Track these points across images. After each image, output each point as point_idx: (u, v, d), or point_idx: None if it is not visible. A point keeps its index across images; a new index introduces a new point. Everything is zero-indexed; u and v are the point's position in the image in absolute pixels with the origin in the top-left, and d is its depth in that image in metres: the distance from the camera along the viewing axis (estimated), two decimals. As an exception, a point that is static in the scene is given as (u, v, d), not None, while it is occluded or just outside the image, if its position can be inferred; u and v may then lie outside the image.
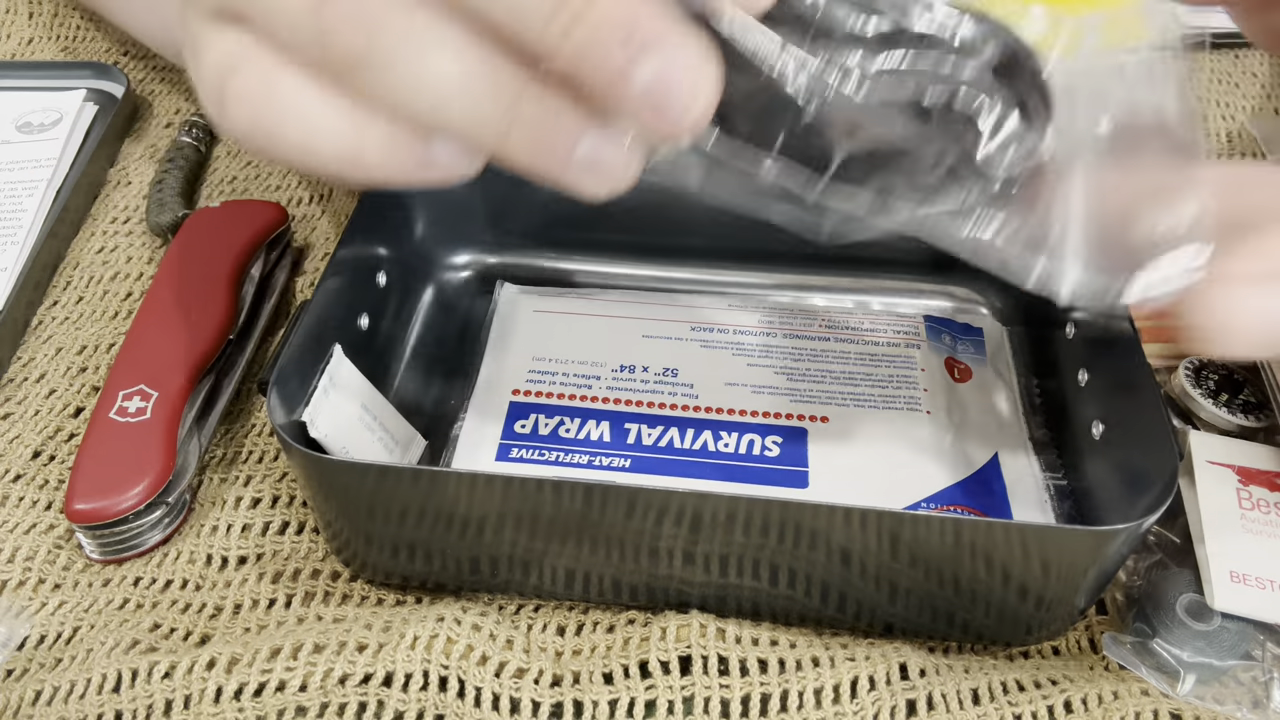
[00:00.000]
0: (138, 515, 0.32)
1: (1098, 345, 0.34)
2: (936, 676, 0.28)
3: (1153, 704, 0.28)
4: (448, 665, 0.28)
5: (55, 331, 0.40)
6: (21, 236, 0.42)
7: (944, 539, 0.27)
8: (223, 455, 0.36)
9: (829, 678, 0.28)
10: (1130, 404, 0.30)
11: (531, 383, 0.36)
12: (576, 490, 0.27)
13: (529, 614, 0.31)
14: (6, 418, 0.37)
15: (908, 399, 0.35)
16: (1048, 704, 0.28)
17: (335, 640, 0.29)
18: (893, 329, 0.38)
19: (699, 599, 0.30)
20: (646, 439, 0.34)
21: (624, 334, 0.38)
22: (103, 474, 0.32)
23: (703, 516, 0.27)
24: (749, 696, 0.28)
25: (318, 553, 0.33)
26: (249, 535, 0.33)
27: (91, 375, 0.38)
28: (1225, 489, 0.30)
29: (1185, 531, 0.30)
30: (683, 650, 0.29)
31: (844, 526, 0.27)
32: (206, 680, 0.28)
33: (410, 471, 0.29)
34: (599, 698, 0.28)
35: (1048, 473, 0.34)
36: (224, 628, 0.31)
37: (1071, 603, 0.29)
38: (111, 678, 0.29)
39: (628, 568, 0.29)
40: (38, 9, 0.55)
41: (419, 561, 0.31)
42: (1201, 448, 0.31)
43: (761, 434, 0.34)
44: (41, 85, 0.49)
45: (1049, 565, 0.27)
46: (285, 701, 0.28)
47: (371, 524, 0.29)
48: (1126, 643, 0.29)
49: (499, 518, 0.28)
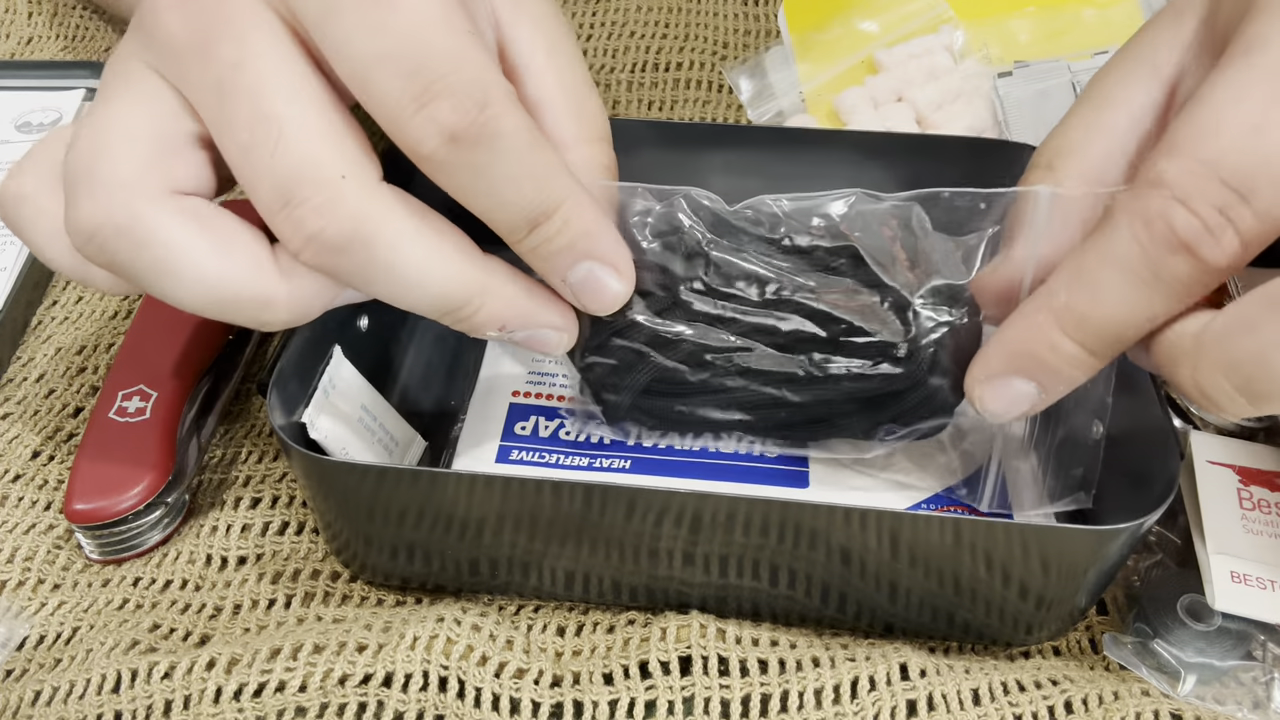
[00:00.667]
0: (137, 515, 0.32)
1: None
2: (937, 676, 0.28)
3: (1153, 704, 0.28)
4: (448, 666, 0.28)
5: (55, 331, 0.40)
6: (21, 236, 0.42)
7: (944, 539, 0.27)
8: (222, 455, 0.36)
9: (829, 678, 0.28)
10: (1130, 404, 0.30)
11: (531, 384, 0.36)
12: (576, 491, 0.27)
13: (529, 615, 0.31)
14: (6, 418, 0.37)
15: (908, 399, 0.35)
16: (1048, 704, 0.28)
17: (335, 641, 0.29)
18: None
19: (699, 599, 0.30)
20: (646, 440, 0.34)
21: (624, 334, 0.38)
22: (102, 474, 0.32)
23: (703, 517, 0.27)
24: (749, 697, 0.28)
25: (317, 553, 0.33)
26: (249, 535, 0.33)
27: (91, 375, 0.38)
28: (1225, 489, 0.30)
29: (1185, 531, 0.30)
30: (683, 651, 0.29)
31: (844, 526, 0.27)
32: (206, 680, 0.28)
33: (410, 473, 0.29)
34: (599, 698, 0.28)
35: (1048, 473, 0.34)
36: (224, 628, 0.31)
37: (1072, 603, 0.29)
38: (111, 678, 0.29)
39: (628, 568, 0.29)
40: (37, 9, 0.55)
41: (419, 562, 0.31)
42: (1202, 448, 0.31)
43: (761, 434, 0.34)
44: (41, 85, 0.49)
45: (1049, 565, 0.27)
46: (285, 702, 0.28)
47: (371, 525, 0.29)
48: (1127, 643, 0.29)
49: (499, 519, 0.28)
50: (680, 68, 0.50)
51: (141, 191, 0.25)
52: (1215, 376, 0.23)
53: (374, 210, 0.25)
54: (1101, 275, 0.24)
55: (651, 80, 0.50)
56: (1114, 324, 0.24)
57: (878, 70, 0.46)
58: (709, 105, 0.48)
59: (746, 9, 0.53)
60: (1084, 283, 0.24)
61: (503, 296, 0.27)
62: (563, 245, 0.26)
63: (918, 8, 0.47)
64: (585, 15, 0.53)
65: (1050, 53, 0.44)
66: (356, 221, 0.24)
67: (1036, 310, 0.25)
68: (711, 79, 0.50)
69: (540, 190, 0.25)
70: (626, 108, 0.49)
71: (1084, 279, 0.24)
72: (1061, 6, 0.46)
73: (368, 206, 0.25)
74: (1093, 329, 0.24)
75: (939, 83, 0.44)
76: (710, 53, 0.51)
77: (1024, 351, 0.26)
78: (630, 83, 0.50)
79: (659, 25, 0.52)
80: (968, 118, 0.43)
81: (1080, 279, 0.24)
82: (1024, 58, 0.44)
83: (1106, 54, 0.43)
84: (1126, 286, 0.24)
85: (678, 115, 0.48)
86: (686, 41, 0.51)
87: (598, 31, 0.52)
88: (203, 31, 0.25)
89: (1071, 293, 0.24)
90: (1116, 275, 0.24)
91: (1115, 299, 0.24)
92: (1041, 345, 0.25)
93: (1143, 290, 0.23)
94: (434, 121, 0.24)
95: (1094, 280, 0.24)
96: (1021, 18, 0.46)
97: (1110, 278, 0.24)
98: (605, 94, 0.49)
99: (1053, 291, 0.25)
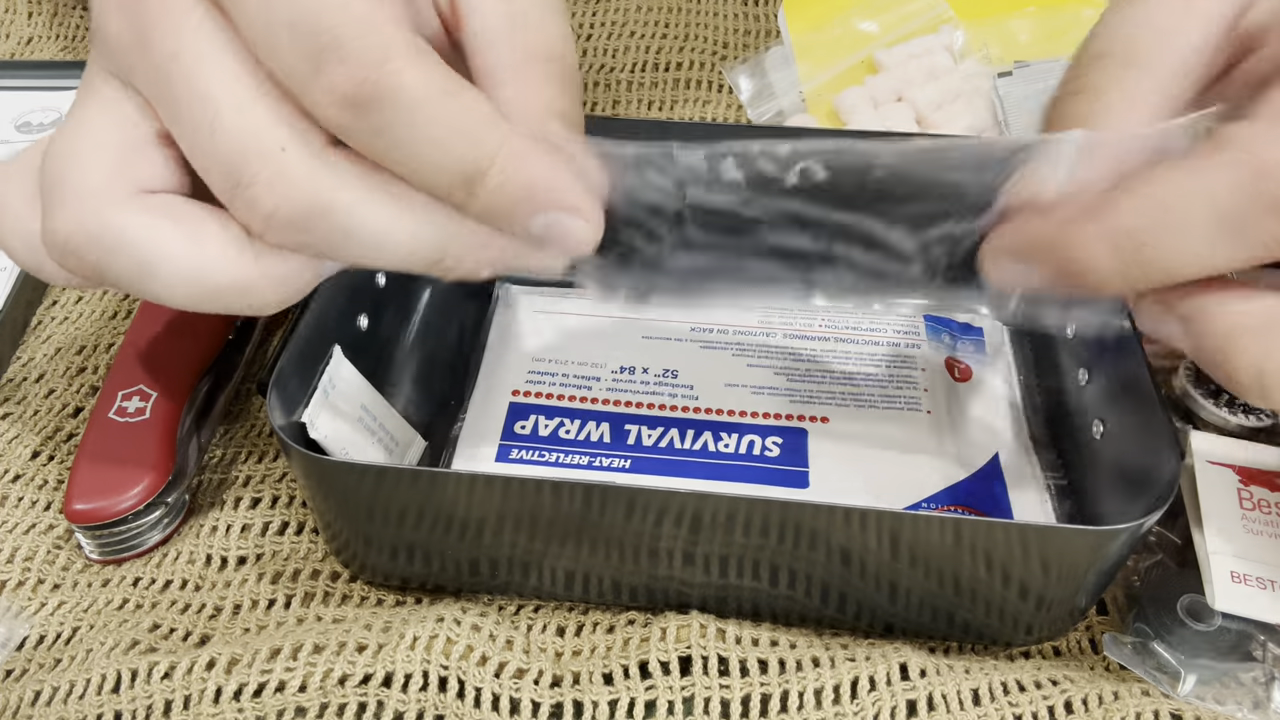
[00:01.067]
0: (137, 515, 0.32)
1: (1098, 345, 0.33)
2: (937, 677, 0.28)
3: (1153, 704, 0.28)
4: (447, 666, 0.28)
5: (55, 331, 0.40)
6: (21, 236, 0.42)
7: (944, 539, 0.27)
8: (222, 455, 0.36)
9: (829, 678, 0.28)
10: (1130, 404, 0.30)
11: (531, 383, 0.36)
12: (576, 491, 0.27)
13: (529, 615, 0.31)
14: (6, 418, 0.37)
15: (908, 399, 0.35)
16: (1048, 704, 0.28)
17: (335, 641, 0.29)
18: (893, 329, 0.38)
19: (699, 599, 0.30)
20: (646, 440, 0.34)
21: (624, 334, 0.38)
22: (102, 474, 0.32)
23: (703, 517, 0.27)
24: (749, 697, 0.28)
25: (317, 553, 0.33)
26: (249, 535, 0.33)
27: (91, 375, 0.38)
28: (1226, 489, 0.30)
29: (1185, 531, 0.30)
30: (683, 651, 0.29)
31: (844, 526, 0.27)
32: (206, 681, 0.28)
33: (410, 472, 0.29)
34: (599, 698, 0.28)
35: (1048, 472, 0.34)
36: (224, 628, 0.31)
37: (1072, 603, 0.29)
38: (111, 678, 0.29)
39: (628, 568, 0.29)
40: (37, 8, 0.55)
41: (419, 562, 0.31)
42: (1202, 448, 0.31)
43: (761, 434, 0.34)
44: (41, 85, 0.49)
45: (1049, 565, 0.27)
46: (285, 702, 0.28)
47: (371, 525, 0.29)
48: (1127, 643, 0.29)
49: (499, 519, 0.28)
50: (680, 68, 0.50)
51: (109, 197, 0.25)
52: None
53: (323, 179, 0.23)
54: (1179, 210, 0.22)
55: (651, 80, 0.50)
56: (1171, 262, 0.23)
57: (878, 70, 0.46)
58: (709, 105, 0.48)
59: (746, 9, 0.53)
60: (1155, 211, 0.22)
61: (479, 243, 0.25)
62: (509, 201, 0.24)
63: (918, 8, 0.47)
64: (585, 15, 0.53)
65: (1050, 53, 0.44)
66: (308, 193, 0.23)
67: (1088, 220, 0.23)
68: (711, 79, 0.50)
69: (467, 145, 0.23)
70: (626, 108, 0.49)
71: (1156, 207, 0.22)
72: (1061, 6, 0.46)
73: (316, 176, 0.23)
74: (1145, 259, 0.23)
75: (939, 83, 0.45)
76: (710, 53, 0.51)
77: (1059, 255, 0.24)
78: (630, 83, 0.50)
79: (659, 25, 0.52)
80: (968, 118, 0.43)
81: (1152, 206, 0.23)
82: (1024, 58, 0.44)
83: (1106, 54, 0.43)
84: (1204, 229, 0.22)
85: (678, 115, 0.48)
86: (686, 41, 0.51)
87: (598, 31, 0.52)
88: (141, 28, 0.25)
89: (1137, 217, 0.23)
90: (1198, 214, 0.22)
91: (1185, 238, 0.22)
92: (1080, 254, 0.23)
93: (1220, 240, 0.22)
94: (330, 87, 0.22)
95: (1168, 212, 0.22)
96: (1021, 18, 0.46)
97: (1188, 215, 0.22)
98: (605, 94, 0.50)
99: (1114, 208, 0.23)
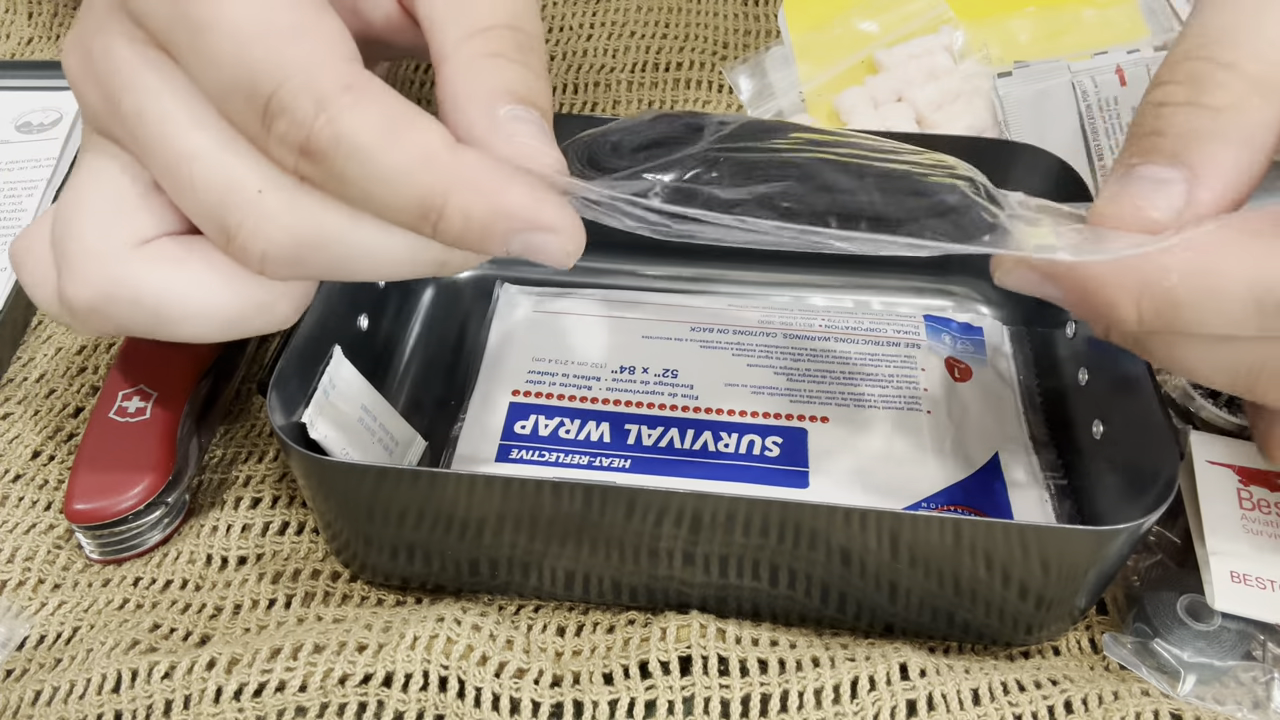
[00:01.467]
0: (137, 515, 0.32)
1: (1098, 345, 0.33)
2: (937, 676, 0.28)
3: (1153, 704, 0.28)
4: (448, 665, 0.28)
5: (55, 331, 0.40)
6: (21, 237, 0.42)
7: (944, 539, 0.27)
8: (223, 455, 0.36)
9: (829, 678, 0.28)
10: (1130, 404, 0.30)
11: (531, 383, 0.36)
12: (576, 491, 0.27)
13: (529, 614, 0.31)
14: (6, 418, 0.37)
15: (908, 399, 0.35)
16: (1048, 704, 0.28)
17: (335, 640, 0.29)
18: (893, 329, 0.38)
19: (699, 599, 0.30)
20: (646, 440, 0.34)
21: (624, 334, 0.38)
22: (102, 474, 0.32)
23: (703, 517, 0.27)
24: (749, 697, 0.28)
25: (318, 553, 0.33)
26: (249, 535, 0.33)
27: (91, 375, 0.38)
28: (1225, 489, 0.30)
29: (1185, 531, 0.30)
30: (683, 650, 0.29)
31: (844, 526, 0.27)
32: (206, 680, 0.28)
33: (410, 473, 0.29)
34: (599, 698, 0.28)
35: (1048, 472, 0.34)
36: (224, 628, 0.31)
37: (1072, 603, 0.29)
38: (111, 678, 0.29)
39: (628, 568, 0.29)
40: (37, 9, 0.55)
41: (419, 562, 0.31)
42: (1201, 448, 0.31)
43: (761, 434, 0.34)
44: (41, 85, 0.49)
45: (1049, 565, 0.27)
46: (285, 702, 0.28)
47: (371, 525, 0.29)
48: (1127, 643, 0.29)
49: (499, 519, 0.28)
50: (680, 68, 0.50)
51: (113, 256, 0.25)
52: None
53: (304, 213, 0.23)
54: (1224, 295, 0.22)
55: (651, 80, 0.50)
56: (1200, 327, 0.23)
57: (878, 70, 0.46)
58: (709, 105, 0.48)
59: (746, 9, 0.53)
60: (1203, 291, 0.23)
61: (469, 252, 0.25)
62: (477, 228, 0.23)
63: (918, 8, 0.47)
64: (585, 15, 0.53)
65: (1050, 53, 0.44)
66: (292, 231, 0.23)
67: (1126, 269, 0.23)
68: (711, 79, 0.50)
69: (413, 187, 0.22)
70: (626, 108, 0.49)
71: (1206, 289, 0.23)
72: (1061, 6, 0.46)
73: (296, 212, 0.23)
74: (1174, 316, 0.23)
75: (939, 83, 0.45)
76: (710, 53, 0.51)
77: (1084, 288, 0.24)
78: (630, 83, 0.50)
79: (659, 25, 0.52)
80: (968, 118, 0.43)
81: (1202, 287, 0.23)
82: (1024, 58, 0.44)
83: (1107, 54, 0.43)
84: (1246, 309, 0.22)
85: (678, 115, 0.48)
86: (686, 41, 0.51)
87: (598, 31, 0.52)
88: (107, 92, 0.25)
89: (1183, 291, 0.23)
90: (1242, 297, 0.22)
91: (1223, 314, 0.23)
92: (1110, 298, 0.23)
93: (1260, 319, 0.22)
94: (282, 143, 0.22)
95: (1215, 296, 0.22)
96: (1021, 18, 0.46)
97: (1234, 296, 0.22)
98: (605, 94, 0.49)
99: (1161, 266, 0.23)
